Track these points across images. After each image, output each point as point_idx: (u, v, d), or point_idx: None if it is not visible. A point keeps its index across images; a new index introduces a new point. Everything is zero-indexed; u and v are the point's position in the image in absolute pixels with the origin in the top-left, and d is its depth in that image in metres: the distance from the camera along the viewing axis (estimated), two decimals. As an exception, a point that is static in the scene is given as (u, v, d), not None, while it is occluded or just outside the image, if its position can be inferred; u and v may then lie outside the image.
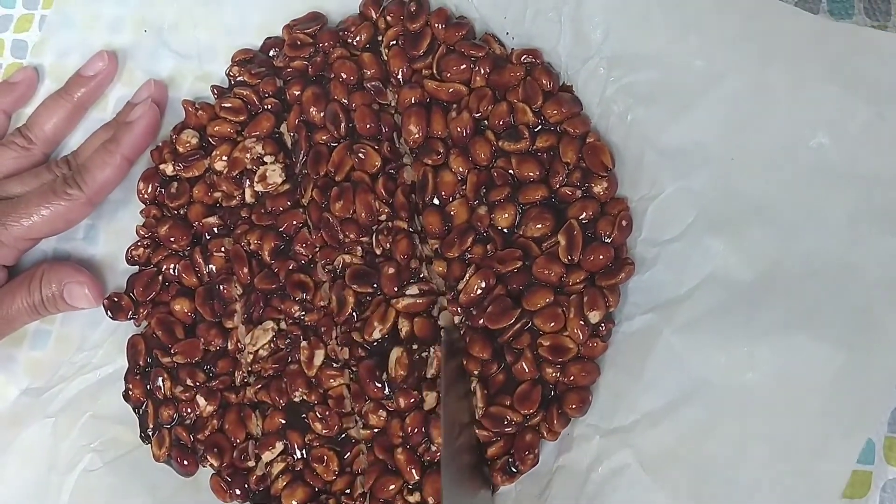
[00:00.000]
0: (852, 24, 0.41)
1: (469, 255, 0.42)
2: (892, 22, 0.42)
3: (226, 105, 0.47)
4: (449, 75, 0.44)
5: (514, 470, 0.40)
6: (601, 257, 0.40)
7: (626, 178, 0.42)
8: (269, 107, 0.47)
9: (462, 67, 0.43)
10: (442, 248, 0.42)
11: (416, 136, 0.44)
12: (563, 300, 0.41)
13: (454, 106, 0.44)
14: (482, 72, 0.43)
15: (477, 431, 0.40)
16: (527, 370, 0.40)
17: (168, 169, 0.47)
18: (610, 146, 0.42)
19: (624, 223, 0.41)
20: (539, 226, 0.41)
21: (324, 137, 0.45)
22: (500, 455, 0.40)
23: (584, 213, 0.41)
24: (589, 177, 0.42)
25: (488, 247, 0.42)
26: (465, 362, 0.41)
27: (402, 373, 0.41)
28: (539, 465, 0.40)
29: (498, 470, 0.40)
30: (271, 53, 0.48)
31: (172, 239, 0.46)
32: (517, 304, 0.41)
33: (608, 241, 0.41)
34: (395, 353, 0.41)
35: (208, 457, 0.43)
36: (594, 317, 0.40)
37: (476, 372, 0.41)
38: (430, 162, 0.43)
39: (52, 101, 0.49)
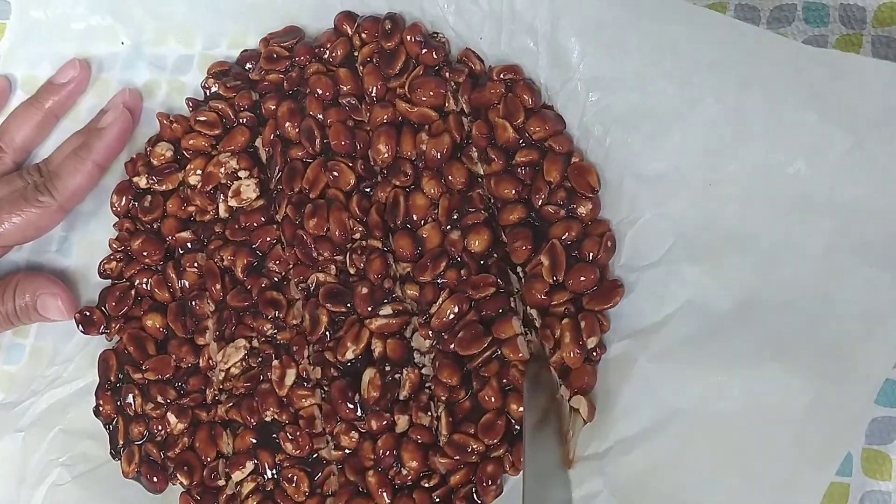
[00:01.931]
0: (831, 50, 0.41)
1: (442, 280, 0.41)
2: (867, 31, 0.41)
3: (201, 118, 0.46)
4: (421, 98, 0.43)
5: (477, 500, 0.40)
6: (585, 278, 0.39)
7: (605, 202, 0.41)
8: (245, 121, 0.46)
9: (434, 92, 0.42)
10: (414, 271, 0.42)
11: (386, 155, 0.43)
12: (553, 322, 0.40)
13: (426, 127, 0.43)
14: (464, 97, 0.43)
15: (440, 459, 0.40)
16: (492, 399, 0.40)
17: (142, 182, 0.46)
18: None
19: (609, 244, 0.40)
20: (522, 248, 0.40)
21: (299, 153, 0.44)
22: (463, 483, 0.40)
23: (568, 234, 0.40)
24: (574, 197, 0.41)
25: (462, 272, 0.41)
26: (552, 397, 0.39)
27: (375, 394, 0.41)
28: (510, 489, 0.40)
29: (461, 499, 0.40)
30: (247, 66, 0.47)
31: (145, 253, 0.45)
32: (488, 332, 0.40)
33: (592, 262, 0.40)
34: (368, 374, 0.41)
35: (178, 475, 0.43)
36: (591, 342, 0.39)
37: (444, 397, 0.40)
38: (397, 183, 0.43)
39: (23, 109, 0.48)
